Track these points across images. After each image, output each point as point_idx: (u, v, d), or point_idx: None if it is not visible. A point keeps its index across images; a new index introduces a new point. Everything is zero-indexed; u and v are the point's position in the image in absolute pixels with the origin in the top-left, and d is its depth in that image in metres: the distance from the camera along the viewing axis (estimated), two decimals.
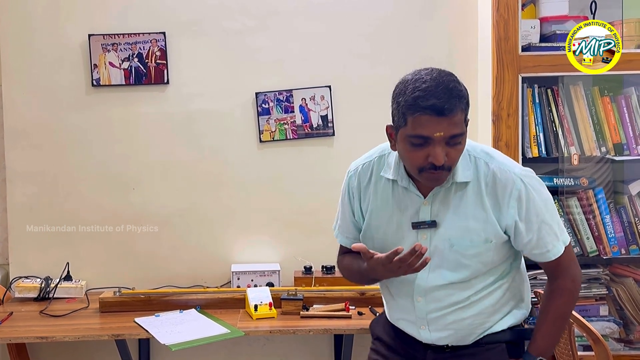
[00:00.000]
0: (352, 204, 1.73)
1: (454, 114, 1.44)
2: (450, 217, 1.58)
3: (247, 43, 2.76)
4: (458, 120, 1.45)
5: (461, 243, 1.58)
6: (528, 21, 2.59)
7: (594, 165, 2.66)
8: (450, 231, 1.58)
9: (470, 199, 1.58)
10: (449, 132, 1.44)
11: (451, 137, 1.46)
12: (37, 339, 2.19)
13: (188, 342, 2.07)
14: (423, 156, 1.47)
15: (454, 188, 1.58)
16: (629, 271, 2.64)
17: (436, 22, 2.79)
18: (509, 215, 1.57)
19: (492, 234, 1.58)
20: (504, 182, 1.57)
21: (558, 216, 1.66)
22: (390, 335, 1.81)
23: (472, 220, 1.57)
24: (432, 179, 1.51)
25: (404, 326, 1.75)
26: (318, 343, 2.80)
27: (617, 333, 2.57)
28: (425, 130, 1.44)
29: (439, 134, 1.44)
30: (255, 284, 2.60)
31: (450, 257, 1.60)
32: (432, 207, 1.59)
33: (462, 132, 1.48)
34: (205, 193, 2.79)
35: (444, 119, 1.43)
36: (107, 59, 2.71)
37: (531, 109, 2.58)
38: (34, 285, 2.60)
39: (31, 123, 2.74)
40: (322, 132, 2.77)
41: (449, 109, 1.42)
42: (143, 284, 2.67)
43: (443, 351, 1.70)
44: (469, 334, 1.69)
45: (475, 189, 1.58)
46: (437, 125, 1.43)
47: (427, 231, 1.59)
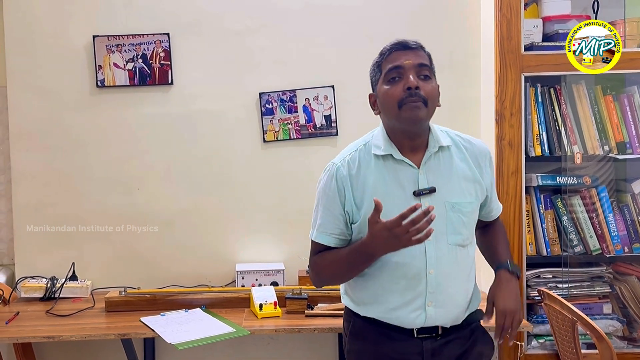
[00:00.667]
0: (342, 196, 1.71)
1: (419, 49, 1.68)
2: (445, 181, 1.70)
3: (250, 43, 2.77)
4: (423, 56, 1.68)
5: (460, 202, 1.70)
6: (531, 20, 2.60)
7: (597, 164, 2.67)
8: (448, 194, 1.69)
9: (457, 162, 1.73)
10: (416, 60, 1.66)
11: (419, 66, 1.65)
12: (44, 338, 2.20)
13: (194, 341, 2.08)
14: (400, 88, 1.64)
15: (441, 154, 1.72)
16: (632, 269, 2.65)
17: (439, 22, 2.80)
18: (487, 175, 1.77)
19: (480, 191, 1.75)
20: (479, 147, 1.78)
21: None
22: (377, 346, 1.76)
23: (463, 180, 1.72)
24: (411, 107, 1.63)
25: (400, 316, 1.72)
26: (322, 342, 2.81)
27: (620, 331, 2.58)
28: (396, 62, 1.66)
29: (408, 61, 1.65)
30: (259, 284, 2.61)
31: (452, 218, 1.69)
32: (427, 175, 1.69)
33: (428, 65, 1.68)
34: (209, 193, 2.80)
35: (410, 51, 1.67)
36: (112, 60, 2.73)
37: (534, 108, 2.59)
38: (39, 285, 2.61)
39: (36, 124, 2.76)
40: (325, 131, 2.78)
41: (413, 43, 1.68)
42: (148, 283, 2.68)
43: (435, 339, 1.73)
44: (461, 310, 1.75)
45: (458, 153, 1.74)
46: (405, 55, 1.66)
47: (427, 198, 1.67)
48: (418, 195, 1.67)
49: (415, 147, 1.71)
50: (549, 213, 2.61)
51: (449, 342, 1.75)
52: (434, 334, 1.74)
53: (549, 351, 2.53)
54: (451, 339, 1.75)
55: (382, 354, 1.74)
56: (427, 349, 1.73)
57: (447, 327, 1.75)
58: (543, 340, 2.55)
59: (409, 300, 1.70)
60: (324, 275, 1.78)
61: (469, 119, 2.79)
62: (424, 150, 1.71)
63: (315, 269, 1.79)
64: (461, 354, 1.76)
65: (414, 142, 1.70)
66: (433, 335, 1.73)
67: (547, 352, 2.53)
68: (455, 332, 1.76)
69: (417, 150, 1.71)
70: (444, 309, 1.71)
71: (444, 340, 1.75)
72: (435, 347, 1.74)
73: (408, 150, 1.71)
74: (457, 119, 2.78)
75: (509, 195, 2.53)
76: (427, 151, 1.71)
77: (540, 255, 2.60)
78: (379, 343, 1.74)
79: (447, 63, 2.79)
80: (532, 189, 2.61)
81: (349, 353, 1.83)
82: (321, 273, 1.78)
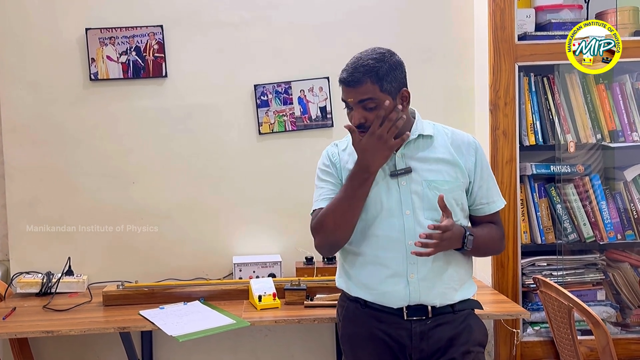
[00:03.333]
0: (334, 166, 1.90)
1: (361, 84, 1.73)
2: (421, 163, 1.82)
3: (245, 35, 2.76)
4: (367, 89, 1.73)
5: (436, 179, 1.81)
6: (523, 10, 2.62)
7: (590, 152, 2.69)
8: (425, 173, 1.81)
9: (437, 147, 1.85)
10: (357, 97, 1.75)
11: (360, 102, 1.74)
12: (43, 333, 2.18)
13: (195, 333, 2.08)
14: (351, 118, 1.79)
15: (421, 141, 1.84)
16: (624, 256, 2.68)
17: (433, 12, 2.81)
18: (469, 161, 1.85)
19: (460, 173, 1.83)
20: (462, 137, 1.89)
21: None
22: (369, 328, 1.83)
23: (441, 163, 1.83)
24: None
25: (386, 291, 1.78)
26: (320, 332, 2.83)
27: (614, 317, 2.62)
28: (343, 96, 1.79)
29: (350, 99, 1.76)
30: (257, 276, 2.61)
31: (429, 194, 1.79)
32: (404, 158, 1.82)
33: (371, 97, 1.74)
34: (205, 186, 2.79)
35: (352, 89, 1.75)
36: (105, 53, 2.71)
37: (528, 98, 2.61)
38: (35, 281, 2.60)
39: (29, 119, 2.73)
40: (320, 123, 2.79)
41: (353, 81, 1.74)
42: (144, 277, 2.67)
43: (425, 322, 1.79)
44: (449, 289, 1.81)
45: (440, 140, 1.86)
46: (348, 93, 1.77)
47: (404, 178, 1.80)
48: (395, 175, 1.81)
49: (396, 136, 1.79)
50: (543, 202, 2.64)
51: (439, 325, 1.80)
52: (423, 317, 1.79)
53: (544, 338, 2.56)
54: (441, 323, 1.80)
55: (373, 336, 1.82)
56: (415, 332, 1.79)
57: (436, 308, 1.79)
58: (538, 327, 2.58)
59: (392, 272, 1.79)
60: (328, 223, 1.80)
61: (463, 108, 2.81)
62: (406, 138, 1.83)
63: (318, 223, 1.83)
64: (451, 337, 1.80)
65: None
66: (423, 318, 1.79)
67: (543, 339, 2.56)
68: (446, 316, 1.81)
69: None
70: (427, 283, 1.78)
71: (434, 324, 1.80)
72: (424, 329, 1.79)
73: None
74: (451, 108, 2.81)
75: (504, 184, 2.55)
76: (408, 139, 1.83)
77: (535, 244, 2.63)
78: (370, 326, 1.83)
79: (441, 53, 2.81)
80: (526, 177, 2.64)
81: (342, 337, 1.93)
82: (325, 221, 1.80)
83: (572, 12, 2.65)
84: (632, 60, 2.55)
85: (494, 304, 2.35)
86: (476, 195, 1.87)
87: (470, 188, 1.86)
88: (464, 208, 1.86)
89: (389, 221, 1.79)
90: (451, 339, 1.80)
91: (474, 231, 1.82)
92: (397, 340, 1.80)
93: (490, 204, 1.89)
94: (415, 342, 1.79)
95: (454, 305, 1.82)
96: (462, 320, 1.83)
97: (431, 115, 1.96)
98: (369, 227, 1.81)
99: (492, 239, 1.89)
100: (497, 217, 1.93)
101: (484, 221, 1.91)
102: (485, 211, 1.89)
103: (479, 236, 1.81)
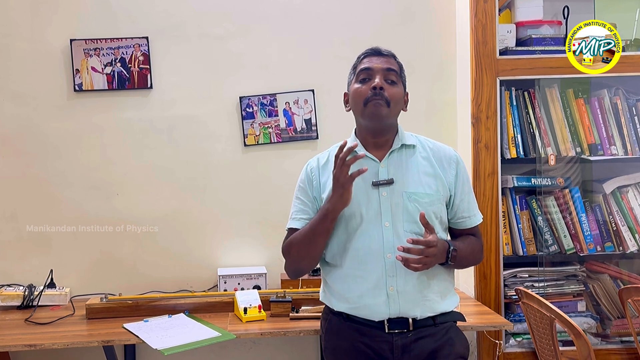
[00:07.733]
0: (310, 184, 1.91)
1: (389, 56, 1.87)
2: (403, 174, 1.85)
3: (230, 48, 2.78)
4: (392, 62, 1.86)
5: (417, 192, 1.83)
6: (505, 26, 2.67)
7: (569, 165, 2.74)
8: (406, 185, 1.83)
9: (419, 159, 1.88)
10: (385, 65, 1.84)
11: (387, 70, 1.83)
12: (25, 347, 2.15)
13: (180, 346, 2.07)
14: (367, 88, 1.82)
15: (404, 152, 1.88)
16: (604, 267, 2.73)
17: (416, 27, 2.85)
18: (450, 174, 1.88)
19: (440, 186, 1.86)
20: (444, 150, 1.93)
21: None
22: (351, 341, 1.84)
23: (423, 175, 1.86)
24: (374, 104, 1.80)
25: (367, 304, 1.80)
26: (304, 345, 2.83)
27: (594, 328, 2.65)
28: (367, 64, 1.85)
29: (377, 65, 1.83)
30: (242, 288, 2.61)
31: (409, 207, 1.81)
32: (387, 168, 1.85)
33: (396, 71, 1.84)
34: (190, 197, 2.79)
35: (381, 57, 1.86)
36: (90, 64, 2.70)
37: (509, 111, 2.66)
38: (17, 294, 2.57)
39: (12, 130, 2.71)
40: (306, 135, 2.80)
41: (385, 51, 1.88)
42: (128, 290, 2.65)
43: (407, 335, 1.80)
44: (430, 302, 1.81)
45: (422, 153, 1.89)
46: (376, 59, 1.85)
47: (386, 188, 1.83)
48: (376, 185, 1.83)
49: (379, 145, 1.87)
50: (525, 214, 2.68)
51: (420, 338, 1.81)
52: (405, 330, 1.80)
53: (526, 349, 2.59)
54: (423, 336, 1.81)
55: (356, 349, 1.83)
56: (397, 345, 1.80)
57: (417, 321, 1.80)
58: (520, 338, 2.61)
59: (372, 286, 1.80)
60: (292, 252, 1.87)
61: (446, 122, 2.85)
62: (388, 148, 1.87)
63: (286, 249, 1.90)
64: (433, 350, 1.81)
65: (378, 140, 1.86)
66: (404, 330, 1.80)
67: (525, 350, 2.59)
68: (427, 329, 1.82)
69: (381, 148, 1.87)
70: (407, 297, 1.79)
71: (416, 337, 1.81)
72: (405, 343, 1.80)
73: (372, 147, 1.87)
74: (434, 122, 2.84)
75: (486, 196, 2.59)
76: (391, 148, 1.86)
77: (517, 255, 2.67)
78: (353, 339, 1.84)
79: (423, 67, 2.85)
80: (507, 190, 2.68)
81: (325, 350, 1.94)
82: (290, 250, 1.88)
83: (552, 28, 2.70)
84: (611, 76, 2.60)
85: (477, 315, 2.37)
86: (457, 208, 1.90)
87: (452, 201, 1.89)
88: (443, 221, 1.88)
89: (368, 233, 1.81)
90: (433, 352, 1.81)
91: (457, 245, 1.84)
92: (379, 354, 1.81)
93: (471, 217, 1.92)
94: (397, 355, 1.80)
95: (436, 318, 1.83)
96: (444, 333, 1.84)
97: (414, 128, 2.00)
98: (349, 241, 1.83)
99: (473, 251, 1.92)
100: (477, 229, 1.96)
101: (464, 233, 1.93)
102: (467, 224, 1.92)
103: (461, 249, 1.84)
